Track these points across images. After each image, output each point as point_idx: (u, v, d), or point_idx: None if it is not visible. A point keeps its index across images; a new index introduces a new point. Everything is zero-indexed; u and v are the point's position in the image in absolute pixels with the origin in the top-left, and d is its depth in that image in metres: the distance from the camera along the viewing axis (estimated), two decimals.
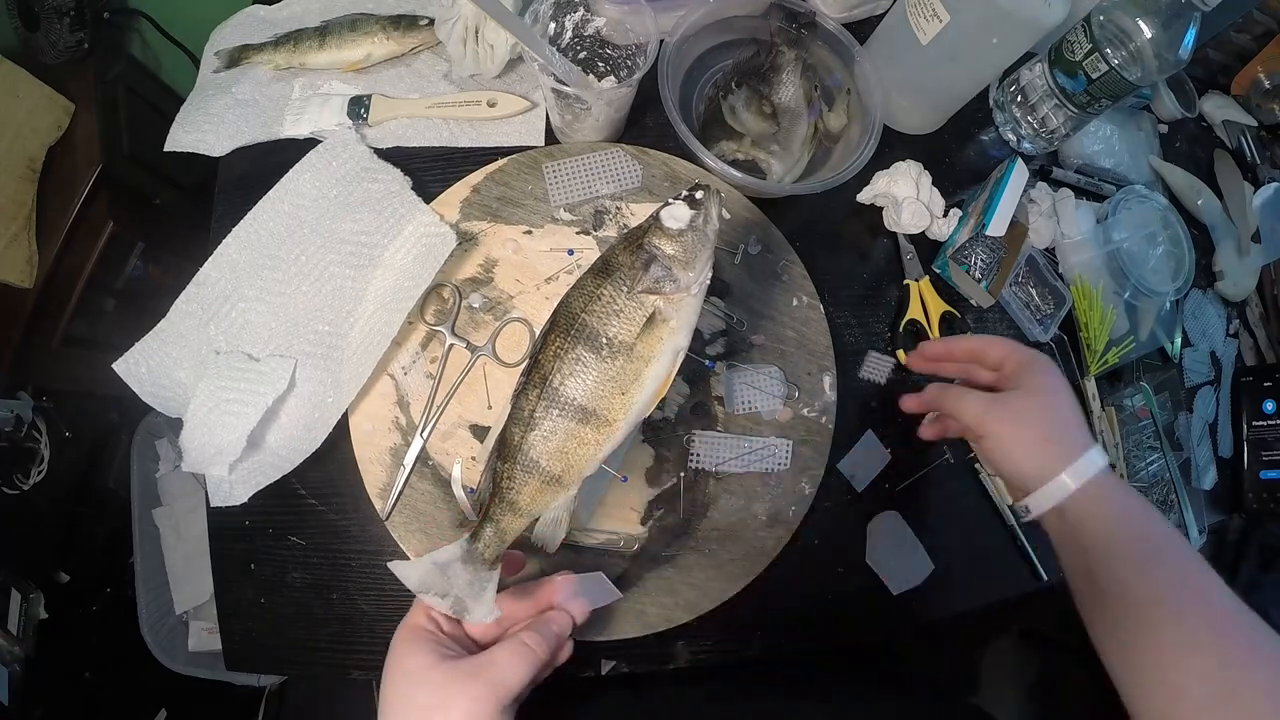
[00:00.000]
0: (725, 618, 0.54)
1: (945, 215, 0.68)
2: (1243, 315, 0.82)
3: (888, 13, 0.68)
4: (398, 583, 0.42)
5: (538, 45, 0.53)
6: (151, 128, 0.79)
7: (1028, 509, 0.43)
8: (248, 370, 0.54)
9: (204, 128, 0.63)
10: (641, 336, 0.40)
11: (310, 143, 0.61)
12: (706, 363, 0.58)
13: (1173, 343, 0.73)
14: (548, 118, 0.64)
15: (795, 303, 0.61)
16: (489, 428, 0.54)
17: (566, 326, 0.40)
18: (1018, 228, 0.66)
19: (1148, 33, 0.60)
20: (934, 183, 0.67)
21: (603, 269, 0.41)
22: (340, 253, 0.57)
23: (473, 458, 0.53)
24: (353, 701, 1.04)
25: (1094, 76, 0.63)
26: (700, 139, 0.60)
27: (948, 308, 0.65)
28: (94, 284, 0.89)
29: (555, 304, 0.42)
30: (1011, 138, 0.74)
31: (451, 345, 0.55)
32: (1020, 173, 0.66)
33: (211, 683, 1.05)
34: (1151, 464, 0.67)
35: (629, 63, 0.62)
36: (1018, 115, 0.73)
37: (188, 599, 1.08)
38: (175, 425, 0.54)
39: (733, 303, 0.60)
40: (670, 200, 0.42)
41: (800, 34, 0.66)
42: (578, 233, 0.60)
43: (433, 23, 0.64)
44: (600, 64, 0.63)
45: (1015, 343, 0.47)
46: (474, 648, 0.40)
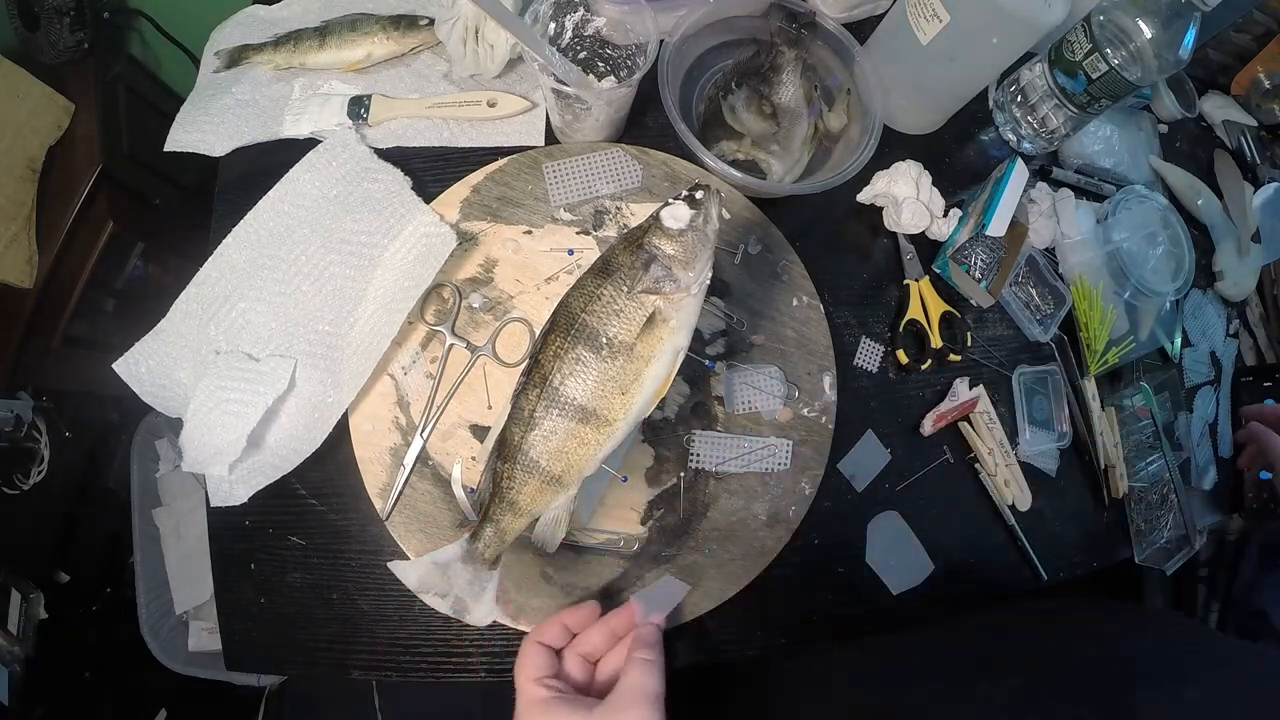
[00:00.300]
0: (725, 618, 0.54)
1: (945, 215, 0.68)
2: (1243, 315, 0.82)
3: (888, 13, 0.68)
4: (398, 583, 0.42)
5: (538, 45, 0.53)
6: (151, 128, 0.80)
7: None
8: (248, 370, 0.54)
9: (204, 128, 0.63)
10: (641, 336, 0.40)
11: (310, 143, 0.61)
12: (706, 363, 0.58)
13: (1173, 343, 0.73)
14: (548, 118, 0.64)
15: (795, 303, 0.61)
16: (489, 428, 0.54)
17: (566, 326, 0.40)
18: (1018, 228, 0.66)
19: (1148, 33, 0.60)
20: (934, 183, 0.67)
21: (603, 269, 0.41)
22: (340, 253, 0.57)
23: (473, 458, 0.53)
24: (353, 701, 1.05)
25: (1094, 76, 0.63)
26: (700, 139, 0.60)
27: (948, 308, 0.65)
28: (94, 284, 0.89)
29: (555, 304, 0.42)
30: (1011, 138, 0.74)
31: (451, 345, 0.55)
32: (1020, 173, 0.66)
33: (211, 683, 1.05)
34: (1151, 464, 0.67)
35: (629, 63, 0.62)
36: (1018, 115, 0.73)
37: (188, 599, 1.08)
38: (175, 425, 0.54)
39: (733, 303, 0.60)
40: (670, 200, 0.42)
41: (800, 34, 0.66)
42: (578, 233, 0.60)
43: (433, 23, 0.64)
44: (600, 64, 0.63)
45: None
46: (586, 687, 0.43)
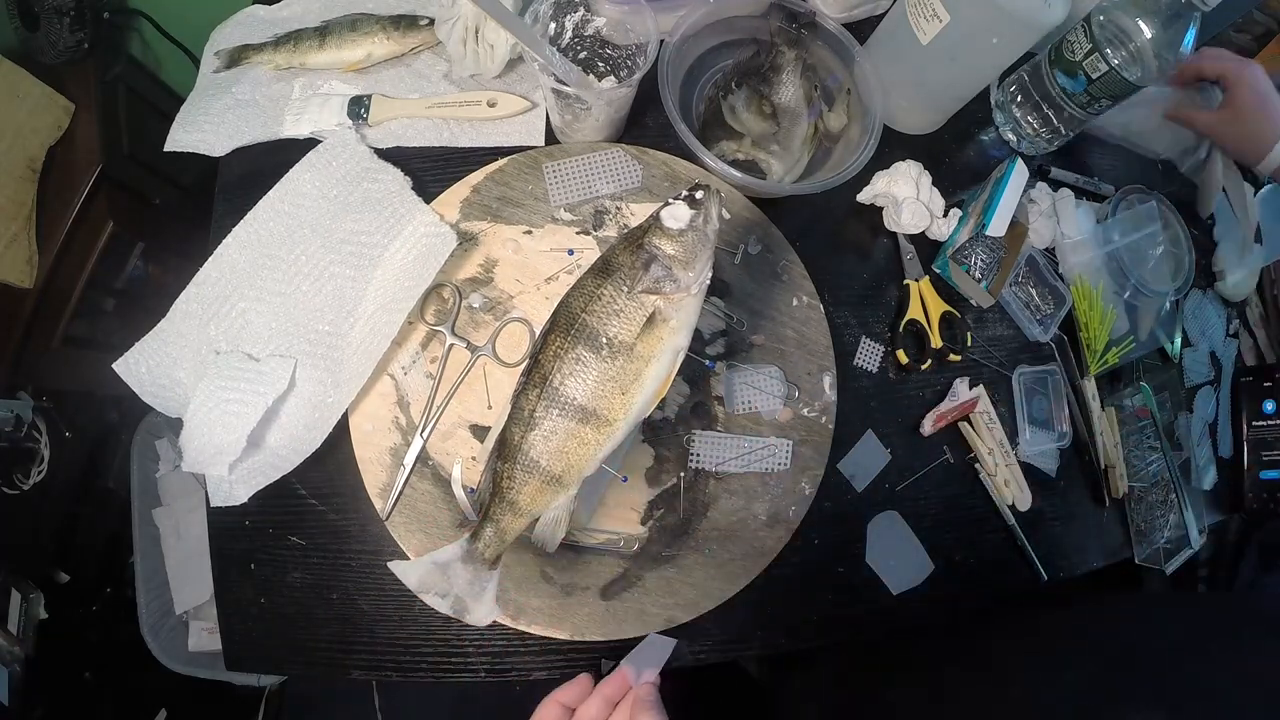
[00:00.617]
0: (725, 618, 0.54)
1: (945, 215, 0.68)
2: (1243, 315, 0.82)
3: (888, 13, 0.68)
4: (398, 583, 0.42)
5: (538, 45, 0.53)
6: (151, 128, 0.79)
7: None
8: (248, 370, 0.54)
9: (204, 128, 0.63)
10: (641, 336, 0.40)
11: (310, 143, 0.61)
12: (706, 363, 0.58)
13: (1173, 343, 0.73)
14: (548, 118, 0.64)
15: (795, 302, 0.61)
16: (489, 428, 0.54)
17: (566, 326, 0.40)
18: (1018, 228, 0.66)
19: (1148, 33, 0.60)
20: (934, 183, 0.67)
21: (603, 269, 0.41)
22: (340, 253, 0.57)
23: (473, 458, 0.53)
24: (353, 701, 1.04)
25: (1094, 77, 0.63)
26: (700, 139, 0.60)
27: (948, 308, 0.65)
28: (94, 284, 0.89)
29: (555, 304, 0.42)
30: (1011, 138, 0.74)
31: (451, 345, 0.55)
32: (1020, 173, 0.66)
33: (211, 683, 1.05)
34: (1151, 464, 0.67)
35: (629, 63, 0.62)
36: (1018, 115, 0.73)
37: (188, 599, 1.08)
38: (175, 425, 0.54)
39: (733, 303, 0.60)
40: (670, 200, 0.42)
41: (800, 34, 0.66)
42: (578, 233, 0.60)
43: (433, 23, 0.64)
44: (600, 64, 0.63)
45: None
46: None
